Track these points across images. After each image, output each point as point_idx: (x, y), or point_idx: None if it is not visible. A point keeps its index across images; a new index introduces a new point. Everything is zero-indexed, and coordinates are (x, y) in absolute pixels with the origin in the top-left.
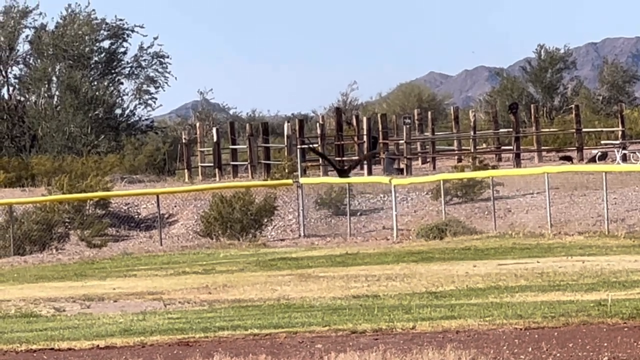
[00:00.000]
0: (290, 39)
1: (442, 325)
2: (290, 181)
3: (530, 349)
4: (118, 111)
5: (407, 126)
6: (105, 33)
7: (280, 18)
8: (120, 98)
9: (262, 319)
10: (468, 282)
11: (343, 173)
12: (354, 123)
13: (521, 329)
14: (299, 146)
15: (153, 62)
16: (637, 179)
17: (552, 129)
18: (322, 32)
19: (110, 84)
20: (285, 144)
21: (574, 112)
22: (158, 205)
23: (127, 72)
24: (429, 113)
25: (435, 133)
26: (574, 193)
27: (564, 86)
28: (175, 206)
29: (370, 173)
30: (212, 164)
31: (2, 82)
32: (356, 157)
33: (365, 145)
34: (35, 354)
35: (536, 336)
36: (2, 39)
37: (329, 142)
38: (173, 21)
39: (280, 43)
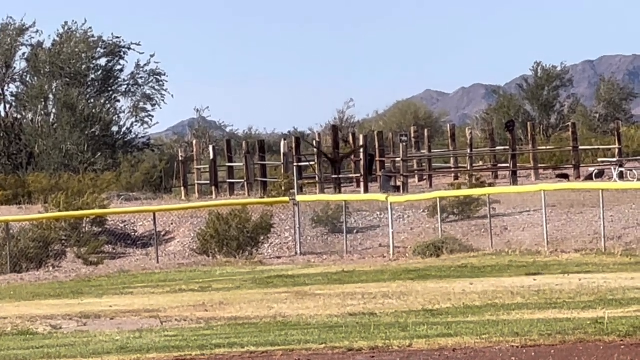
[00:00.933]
0: (287, 57)
1: (438, 343)
2: (286, 199)
3: None
4: (115, 129)
5: (404, 144)
6: (102, 51)
7: (276, 36)
8: (117, 116)
9: (258, 337)
10: (465, 300)
11: (336, 163)
12: (351, 141)
13: (518, 347)
14: (296, 163)
15: (150, 80)
16: (634, 196)
17: (548, 147)
18: (318, 50)
19: (107, 102)
20: (282, 161)
21: (570, 130)
22: (155, 222)
23: (123, 89)
24: (426, 131)
25: (432, 151)
26: (570, 211)
27: (561, 104)
28: (171, 224)
29: (366, 190)
30: (208, 182)
31: None
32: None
33: (362, 163)
34: None
35: (533, 354)
36: None
37: (326, 159)
38: (170, 39)
39: (276, 61)
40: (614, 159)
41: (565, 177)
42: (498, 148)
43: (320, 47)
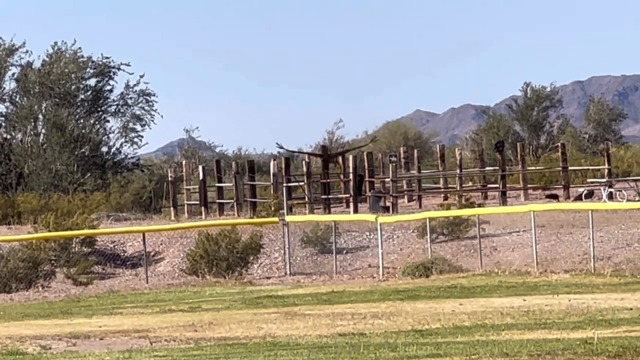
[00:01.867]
0: (277, 77)
1: None
2: (276, 219)
3: None
4: (104, 149)
5: (393, 164)
6: (92, 71)
7: (266, 57)
8: (106, 136)
9: (248, 357)
10: (454, 320)
11: (328, 161)
12: (340, 161)
13: None
14: (284, 184)
15: (139, 100)
16: (623, 217)
17: (538, 167)
18: (307, 71)
19: (97, 122)
20: (271, 182)
21: (560, 150)
22: (144, 243)
23: (113, 110)
24: (415, 151)
25: (422, 171)
26: (560, 231)
27: (550, 124)
28: (161, 244)
29: (356, 211)
30: (198, 202)
31: None
32: (344, 195)
33: (352, 183)
34: None
35: None
36: None
37: (315, 180)
38: (159, 59)
39: (266, 81)
40: (604, 180)
41: (555, 197)
42: (487, 168)
43: (310, 68)
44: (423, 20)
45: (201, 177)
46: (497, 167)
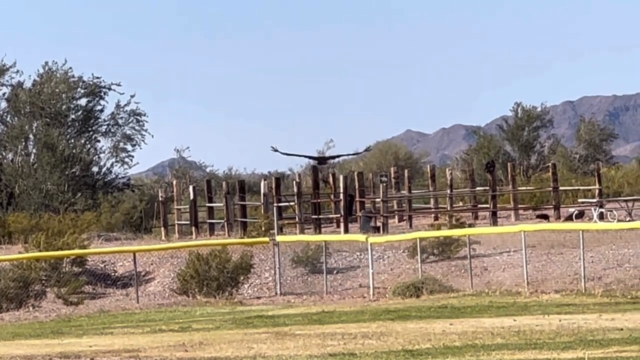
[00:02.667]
0: (267, 97)
1: None
2: (266, 239)
3: None
4: (95, 169)
5: (384, 184)
6: (82, 91)
7: (256, 76)
8: (97, 156)
9: None
10: (445, 340)
11: (323, 162)
12: (331, 181)
13: None
14: (275, 204)
15: (130, 120)
16: (614, 237)
17: (528, 187)
18: (298, 91)
19: (87, 142)
20: (262, 202)
21: (550, 171)
22: (135, 263)
23: (104, 130)
24: (406, 171)
25: (412, 191)
26: (550, 251)
27: (541, 144)
28: (151, 264)
29: (346, 231)
30: (188, 222)
31: None
32: (334, 215)
33: (342, 203)
34: None
35: None
36: None
37: (306, 200)
38: (150, 79)
39: (256, 101)
40: (594, 200)
41: (545, 217)
42: (478, 189)
43: (301, 87)
44: (414, 40)
45: (192, 197)
46: (487, 187)
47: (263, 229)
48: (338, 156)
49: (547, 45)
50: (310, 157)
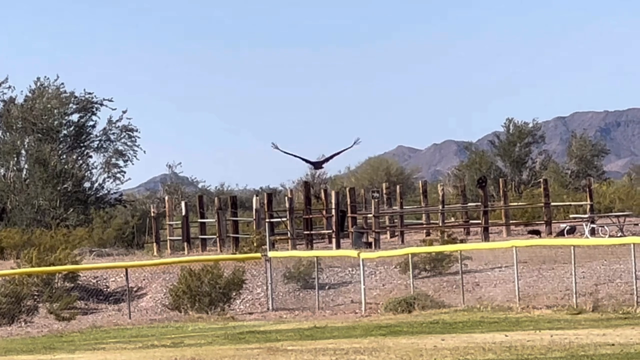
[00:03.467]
0: (259, 114)
1: None
2: (258, 255)
3: None
4: (87, 184)
5: (376, 200)
6: (74, 106)
7: (248, 93)
8: (89, 171)
9: None
10: (436, 356)
11: (318, 166)
12: (323, 197)
13: None
14: (267, 219)
15: (122, 136)
16: (605, 252)
17: (520, 203)
18: (290, 107)
19: (79, 158)
20: (254, 217)
21: (542, 186)
22: (127, 278)
23: (96, 145)
24: (398, 187)
25: (404, 207)
26: (542, 267)
27: (533, 160)
28: (143, 279)
29: (338, 247)
30: (180, 238)
31: None
32: (327, 230)
33: (334, 219)
34: None
35: None
36: None
37: (298, 215)
38: (142, 95)
39: (248, 117)
40: (586, 216)
41: (537, 233)
42: (470, 204)
43: (291, 104)
44: (405, 55)
45: (184, 212)
46: (479, 203)
47: (255, 244)
48: (332, 157)
49: (538, 61)
50: (304, 159)
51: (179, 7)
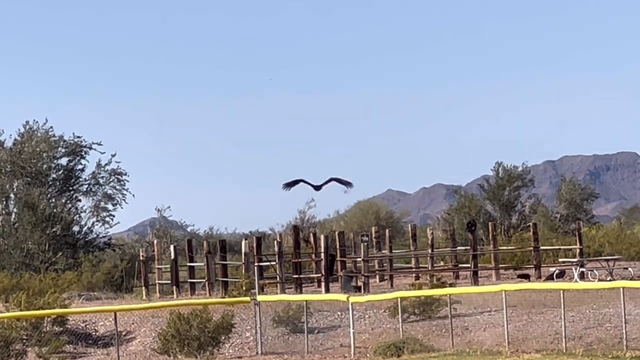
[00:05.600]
0: (248, 157)
1: None
2: (247, 299)
3: None
4: (76, 228)
5: (365, 244)
6: (63, 150)
7: (237, 136)
8: (78, 215)
9: None
10: None
11: (318, 189)
12: (312, 241)
13: None
14: (256, 263)
15: (111, 180)
16: (595, 296)
17: (509, 247)
18: (279, 150)
19: (68, 201)
20: (243, 261)
21: (531, 230)
22: (116, 322)
23: (85, 189)
24: (387, 231)
25: (393, 251)
26: (531, 311)
27: (522, 204)
28: (132, 323)
29: (327, 290)
30: (169, 281)
31: None
32: (316, 274)
33: (323, 263)
34: None
35: None
36: None
37: (287, 259)
38: (131, 138)
39: (237, 161)
40: (575, 259)
41: (526, 277)
42: (459, 248)
43: (281, 147)
44: (394, 100)
45: (173, 256)
46: (468, 247)
47: (244, 288)
48: (330, 180)
49: (527, 105)
50: (307, 183)
51: (166, 52)
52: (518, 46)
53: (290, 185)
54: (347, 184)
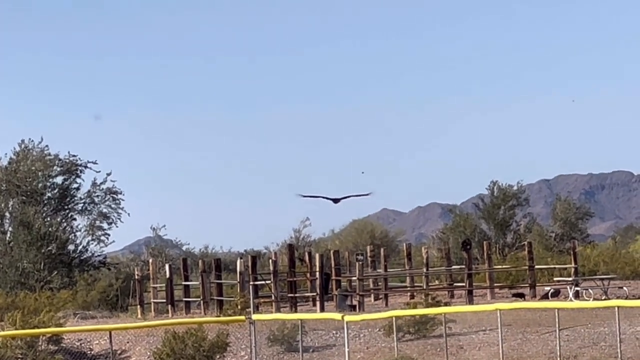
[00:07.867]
0: (243, 175)
1: None
2: (242, 317)
3: None
4: (71, 247)
5: (360, 262)
6: (59, 169)
7: (233, 154)
8: (73, 234)
9: None
10: None
11: (337, 202)
12: (307, 259)
13: None
14: (251, 282)
15: (106, 198)
16: (590, 315)
17: (504, 266)
18: (274, 169)
19: (63, 220)
20: (238, 280)
21: (526, 249)
22: (111, 341)
23: (80, 208)
24: (382, 250)
25: (388, 269)
26: (526, 330)
27: (517, 223)
28: (127, 342)
29: (322, 309)
30: (164, 300)
31: None
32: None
33: (318, 281)
34: None
35: None
36: None
37: (282, 278)
38: (126, 157)
39: (233, 180)
40: (570, 278)
41: (521, 296)
42: (454, 267)
43: (277, 166)
44: (388, 119)
45: (168, 275)
46: (463, 266)
47: (239, 307)
48: (349, 196)
49: (522, 124)
50: (325, 197)
51: (161, 70)
52: (514, 64)
53: (309, 197)
54: (366, 195)
